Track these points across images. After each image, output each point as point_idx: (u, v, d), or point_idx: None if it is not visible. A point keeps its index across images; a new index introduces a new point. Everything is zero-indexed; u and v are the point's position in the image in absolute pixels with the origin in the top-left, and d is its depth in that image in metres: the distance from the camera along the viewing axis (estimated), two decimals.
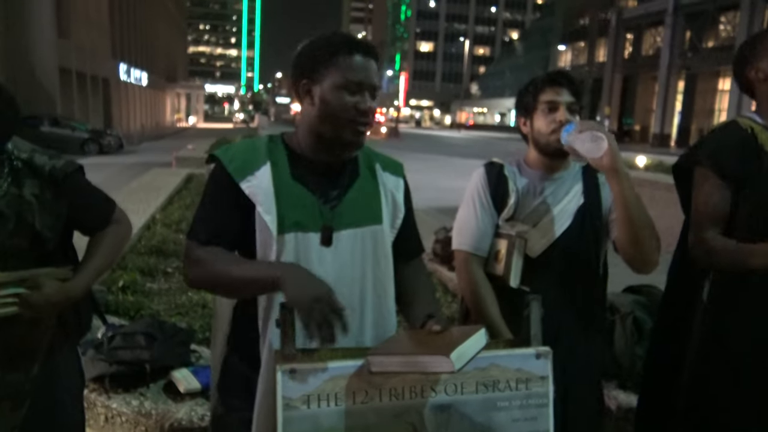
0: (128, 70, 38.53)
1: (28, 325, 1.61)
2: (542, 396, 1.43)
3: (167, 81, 55.08)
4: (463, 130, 72.79)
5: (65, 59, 25.44)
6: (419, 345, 1.33)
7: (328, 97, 1.47)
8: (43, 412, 1.69)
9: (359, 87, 1.47)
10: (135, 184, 9.90)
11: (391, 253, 1.60)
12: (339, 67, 1.47)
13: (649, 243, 1.72)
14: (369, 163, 1.63)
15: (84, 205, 1.72)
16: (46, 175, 1.61)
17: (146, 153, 22.78)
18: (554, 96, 1.88)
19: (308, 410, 1.29)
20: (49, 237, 1.63)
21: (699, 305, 1.88)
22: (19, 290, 1.53)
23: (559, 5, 61.51)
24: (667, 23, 41.64)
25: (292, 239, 1.46)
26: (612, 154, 1.64)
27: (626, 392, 2.77)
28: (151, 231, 6.22)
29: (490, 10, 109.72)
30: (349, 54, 1.47)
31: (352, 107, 1.47)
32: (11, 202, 1.56)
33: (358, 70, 1.47)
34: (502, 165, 1.99)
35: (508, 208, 1.91)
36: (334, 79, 1.47)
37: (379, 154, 1.69)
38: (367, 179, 1.60)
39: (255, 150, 1.53)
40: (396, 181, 1.66)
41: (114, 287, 4.11)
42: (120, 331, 2.80)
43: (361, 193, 1.57)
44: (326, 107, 1.48)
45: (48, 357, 1.69)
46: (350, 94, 1.47)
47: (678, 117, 42.01)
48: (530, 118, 1.94)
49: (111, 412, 2.47)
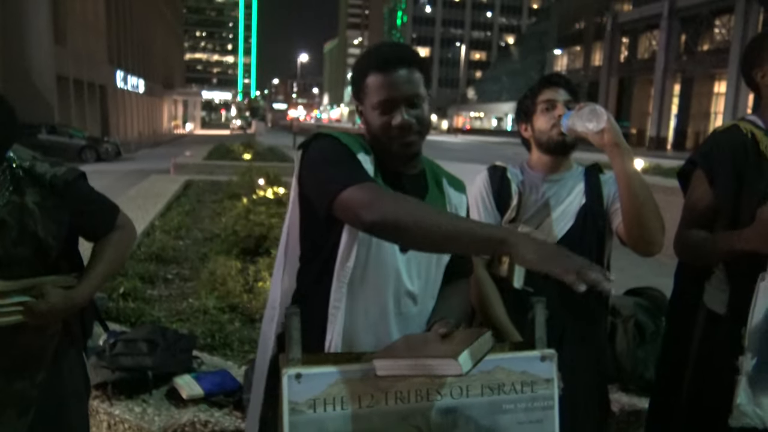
0: (125, 77, 38.56)
1: (34, 333, 1.61)
2: (547, 399, 1.43)
3: (164, 88, 55.11)
4: (460, 134, 72.81)
5: (62, 66, 25.43)
6: (425, 348, 1.33)
7: (369, 119, 1.48)
8: (49, 419, 1.69)
9: (390, 104, 1.44)
10: (133, 191, 9.89)
11: (443, 272, 1.59)
12: (370, 88, 1.46)
13: (653, 221, 1.72)
14: (436, 178, 1.62)
15: (87, 212, 1.72)
16: (47, 183, 1.61)
17: (144, 160, 22.76)
18: (552, 95, 1.91)
19: (314, 414, 1.29)
20: (52, 245, 1.63)
21: (701, 309, 1.89)
22: (24, 299, 1.54)
23: (555, 10, 61.76)
24: (663, 27, 41.81)
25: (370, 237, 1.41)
26: (612, 130, 1.66)
27: (628, 395, 2.78)
28: (150, 238, 6.22)
29: (486, 15, 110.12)
30: (376, 73, 1.45)
31: (388, 125, 1.45)
32: (13, 210, 1.56)
33: (386, 87, 1.44)
34: (504, 168, 2.00)
35: (510, 210, 1.92)
36: (369, 101, 1.47)
37: (444, 169, 1.68)
38: (435, 194, 1.58)
39: (357, 139, 1.51)
40: (459, 198, 1.64)
41: (114, 294, 4.10)
42: (122, 337, 2.79)
43: (433, 205, 1.54)
44: (369, 127, 1.49)
45: (53, 363, 1.69)
46: (383, 114, 1.45)
47: (674, 120, 42.15)
48: (530, 121, 1.96)
49: (114, 419, 2.47)
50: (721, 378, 1.77)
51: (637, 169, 1.71)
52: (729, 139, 1.87)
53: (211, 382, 2.61)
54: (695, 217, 1.88)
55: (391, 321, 1.49)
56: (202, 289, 4.45)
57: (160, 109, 54.09)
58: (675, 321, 2.07)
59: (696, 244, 1.86)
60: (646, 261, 2.27)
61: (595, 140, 1.69)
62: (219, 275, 4.61)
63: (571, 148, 1.92)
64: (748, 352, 1.69)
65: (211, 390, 2.55)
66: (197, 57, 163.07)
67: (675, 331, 2.05)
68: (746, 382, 1.69)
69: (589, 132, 1.68)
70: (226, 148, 19.91)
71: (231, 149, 19.15)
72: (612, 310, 2.78)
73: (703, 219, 1.86)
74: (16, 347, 1.60)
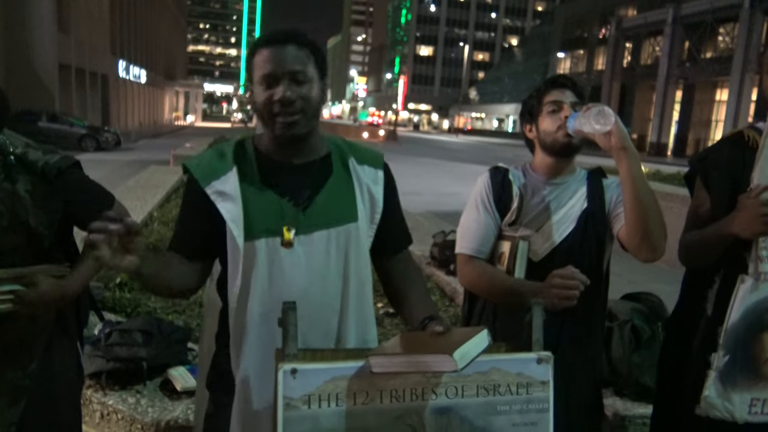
0: (127, 67, 38.48)
1: (25, 322, 1.61)
2: (543, 401, 1.42)
3: (166, 79, 55.02)
4: (461, 135, 72.88)
5: (65, 55, 25.38)
6: (421, 346, 1.33)
7: (254, 97, 1.48)
8: (40, 409, 1.68)
9: (271, 79, 1.44)
10: (132, 181, 9.87)
11: (368, 250, 1.58)
12: (257, 64, 1.46)
13: (656, 226, 1.71)
14: (343, 159, 1.59)
15: (80, 201, 1.70)
16: (38, 171, 1.60)
17: (144, 150, 22.72)
18: (559, 96, 1.89)
19: (308, 410, 1.29)
20: (44, 234, 1.62)
21: (702, 317, 1.89)
22: (15, 287, 1.52)
23: (559, 13, 61.72)
24: (666, 33, 41.79)
25: (263, 245, 1.45)
26: (620, 132, 1.65)
27: (623, 399, 2.78)
28: (148, 229, 6.21)
29: (490, 16, 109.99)
30: (259, 50, 1.47)
31: (269, 100, 1.44)
32: (5, 198, 1.55)
33: (271, 61, 1.45)
34: (506, 169, 1.99)
35: (511, 212, 1.91)
36: (256, 76, 1.47)
37: (356, 146, 1.65)
38: (340, 176, 1.56)
39: (222, 156, 1.52)
40: (374, 174, 1.60)
41: (111, 284, 4.10)
42: (117, 327, 2.79)
43: (334, 191, 1.53)
44: (255, 106, 1.49)
45: (45, 353, 1.69)
46: (267, 88, 1.45)
47: (675, 127, 42.14)
48: (535, 122, 1.94)
49: (107, 409, 2.46)
50: None
51: (643, 173, 1.70)
52: (728, 143, 1.90)
53: None
54: (697, 221, 1.90)
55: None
56: None
57: (162, 100, 54.00)
58: (677, 327, 2.08)
59: (691, 243, 1.90)
60: (643, 266, 2.27)
61: (601, 142, 1.68)
62: None
63: (575, 151, 1.90)
64: (721, 349, 1.75)
65: None
66: (200, 49, 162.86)
67: (676, 337, 2.06)
68: (716, 377, 1.76)
69: (596, 133, 1.67)
70: (226, 140, 19.81)
71: None
72: (608, 314, 2.77)
73: (703, 223, 1.86)
74: (8, 337, 1.59)
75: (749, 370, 1.76)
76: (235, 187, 1.46)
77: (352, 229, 1.53)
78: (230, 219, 1.44)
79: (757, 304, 1.74)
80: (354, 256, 1.53)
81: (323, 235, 1.49)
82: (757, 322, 1.74)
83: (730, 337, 1.74)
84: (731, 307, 1.73)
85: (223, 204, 1.45)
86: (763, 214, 1.62)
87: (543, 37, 69.87)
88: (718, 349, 1.75)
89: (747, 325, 1.74)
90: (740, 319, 1.74)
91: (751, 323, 1.74)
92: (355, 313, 1.54)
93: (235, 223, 1.44)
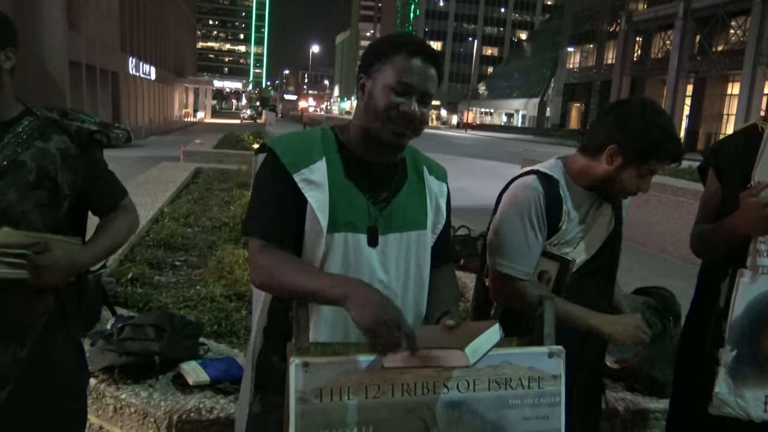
0: (137, 64, 38.59)
1: (30, 297, 1.60)
2: (554, 395, 1.43)
3: (176, 75, 55.15)
4: (470, 130, 72.67)
5: (75, 52, 25.50)
6: (433, 340, 1.33)
7: (375, 94, 1.45)
8: (28, 398, 1.64)
9: (408, 90, 1.43)
10: (143, 177, 9.91)
11: (430, 258, 1.60)
12: (394, 66, 1.44)
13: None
14: (416, 166, 1.61)
15: (99, 177, 1.78)
16: (72, 132, 1.71)
17: (154, 147, 22.84)
18: (658, 166, 1.78)
19: (321, 404, 1.30)
20: (66, 194, 1.66)
21: (715, 311, 1.88)
22: (28, 253, 1.51)
23: (568, 7, 61.35)
24: (677, 27, 41.49)
25: (342, 239, 1.46)
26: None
27: (634, 394, 2.77)
28: (159, 224, 6.24)
29: (499, 11, 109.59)
30: (408, 56, 1.44)
31: (395, 107, 1.43)
32: (36, 155, 1.61)
33: (412, 73, 1.43)
34: (557, 181, 1.86)
35: (560, 234, 1.84)
36: (386, 77, 1.44)
37: (425, 156, 1.67)
38: (414, 183, 1.58)
39: (310, 142, 1.51)
40: (440, 186, 1.64)
41: (123, 279, 4.12)
42: (129, 322, 2.81)
43: (409, 197, 1.56)
44: (371, 102, 1.46)
45: (40, 342, 1.65)
46: (397, 95, 1.43)
47: (686, 120, 41.85)
48: (623, 166, 1.77)
49: (120, 403, 2.48)
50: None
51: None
52: (741, 135, 1.91)
53: (217, 368, 2.62)
54: (708, 212, 1.92)
55: None
56: (210, 276, 4.46)
57: (171, 97, 54.13)
58: (692, 322, 2.07)
59: (701, 235, 1.92)
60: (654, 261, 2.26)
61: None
62: (226, 263, 4.63)
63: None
64: (728, 344, 1.76)
65: (217, 377, 2.56)
66: (209, 45, 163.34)
67: (691, 332, 2.06)
68: (726, 373, 1.76)
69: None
70: (236, 137, 19.93)
71: (241, 138, 19.16)
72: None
73: (715, 214, 1.87)
74: (4, 318, 1.58)
75: (759, 365, 1.76)
76: (324, 177, 1.46)
77: (422, 235, 1.56)
78: (318, 208, 1.44)
79: (760, 297, 1.74)
80: (419, 261, 1.56)
81: (397, 237, 1.52)
82: (761, 316, 1.75)
83: (735, 332, 1.75)
84: (733, 301, 1.75)
85: (310, 192, 1.44)
86: (764, 217, 1.65)
87: (552, 31, 69.55)
88: (725, 344, 1.76)
89: (751, 319, 1.75)
90: (743, 314, 1.75)
91: (755, 318, 1.75)
92: (412, 317, 1.55)
93: (322, 212, 1.44)
